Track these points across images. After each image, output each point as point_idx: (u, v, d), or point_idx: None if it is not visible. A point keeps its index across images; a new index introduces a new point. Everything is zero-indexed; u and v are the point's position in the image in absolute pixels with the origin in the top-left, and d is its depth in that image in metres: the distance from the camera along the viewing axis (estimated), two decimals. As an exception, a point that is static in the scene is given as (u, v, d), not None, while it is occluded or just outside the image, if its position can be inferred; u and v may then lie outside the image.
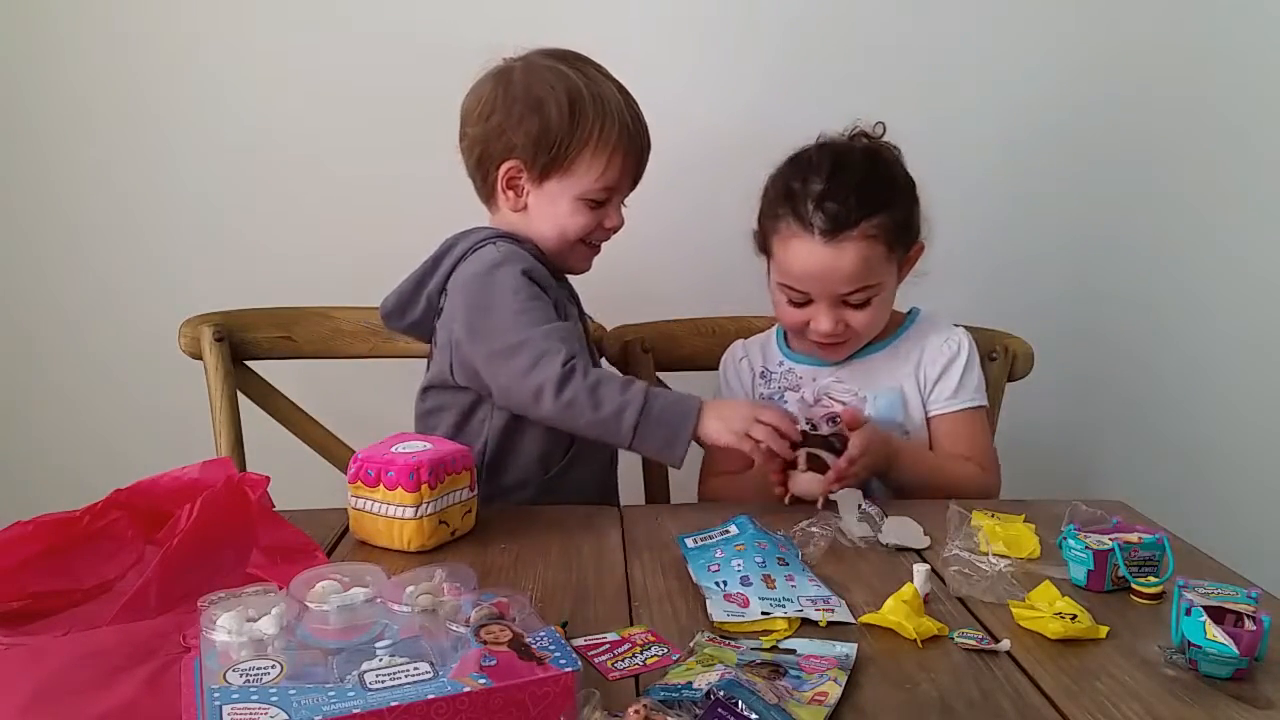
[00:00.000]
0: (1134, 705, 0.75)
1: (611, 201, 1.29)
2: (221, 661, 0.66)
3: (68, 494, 0.95)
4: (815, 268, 1.26)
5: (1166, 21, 1.70)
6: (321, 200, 1.66)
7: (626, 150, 1.26)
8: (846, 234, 1.24)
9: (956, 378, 1.34)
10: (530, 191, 1.27)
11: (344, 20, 1.62)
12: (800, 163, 1.31)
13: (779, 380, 1.39)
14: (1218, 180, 1.75)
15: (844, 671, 0.77)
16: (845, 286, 1.27)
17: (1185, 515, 1.22)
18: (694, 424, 1.12)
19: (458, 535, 1.07)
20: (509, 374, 1.17)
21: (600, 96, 1.24)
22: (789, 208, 1.27)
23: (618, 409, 1.12)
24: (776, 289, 1.32)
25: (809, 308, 1.30)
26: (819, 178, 1.26)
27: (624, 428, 1.12)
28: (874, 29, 1.67)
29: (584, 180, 1.25)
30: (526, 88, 1.24)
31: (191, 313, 1.41)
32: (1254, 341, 1.81)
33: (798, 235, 1.26)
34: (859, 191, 1.25)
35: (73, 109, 1.63)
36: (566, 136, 1.23)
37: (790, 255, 1.27)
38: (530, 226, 1.28)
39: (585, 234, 1.28)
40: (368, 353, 1.46)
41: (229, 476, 0.90)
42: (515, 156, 1.25)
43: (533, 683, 0.65)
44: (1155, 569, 0.95)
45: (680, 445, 1.12)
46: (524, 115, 1.23)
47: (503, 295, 1.19)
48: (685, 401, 1.14)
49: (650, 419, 1.12)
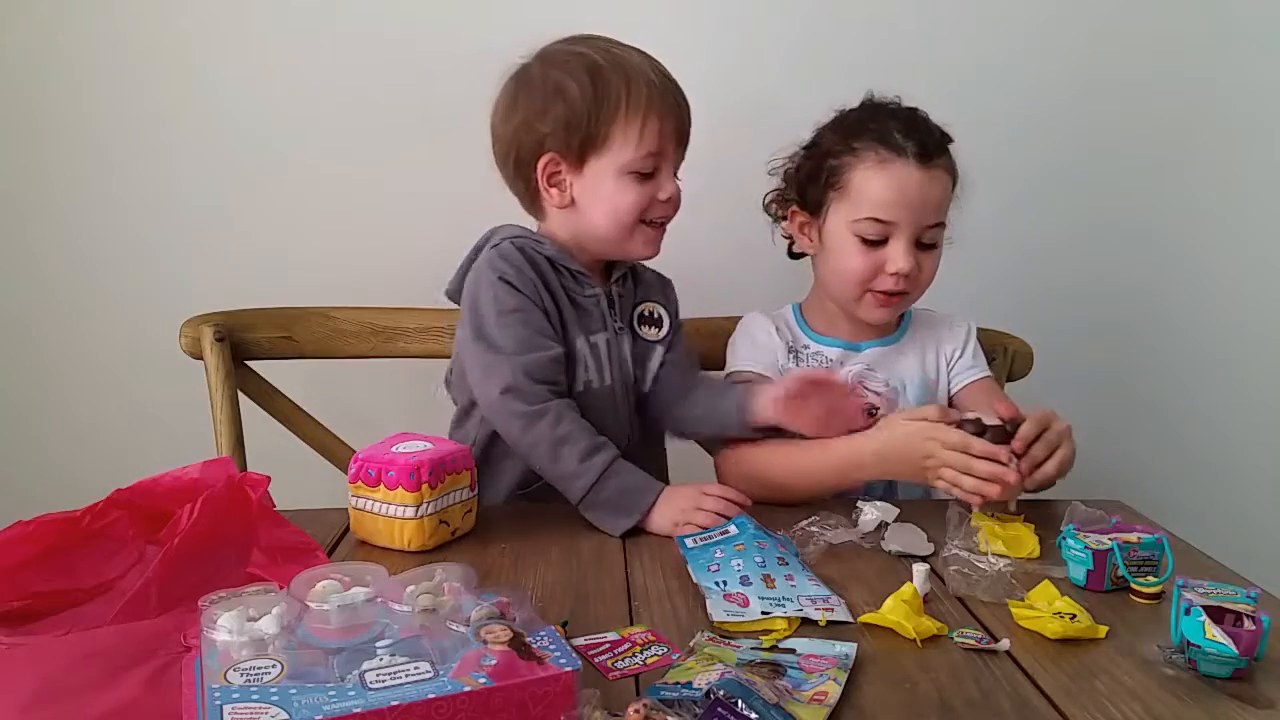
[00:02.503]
0: (1133, 705, 0.75)
1: (661, 170, 1.22)
2: (222, 661, 0.66)
3: (68, 494, 0.95)
4: (913, 192, 1.25)
5: (1174, 13, 1.69)
6: (322, 200, 1.66)
7: (661, 110, 1.20)
8: (937, 160, 1.26)
9: (973, 351, 1.39)
10: (573, 183, 1.22)
11: (345, 21, 1.62)
12: (867, 106, 1.32)
13: (808, 362, 1.36)
14: (1222, 177, 1.75)
15: (844, 671, 0.77)
16: (932, 217, 1.27)
17: (1185, 515, 1.22)
18: (642, 515, 1.10)
19: (458, 535, 1.07)
20: (484, 397, 1.18)
21: (620, 62, 1.20)
22: (874, 138, 1.26)
23: (572, 474, 1.11)
24: (847, 231, 1.28)
25: (883, 249, 1.27)
26: (894, 117, 1.28)
27: (573, 494, 1.12)
28: (878, 22, 1.67)
29: (624, 152, 1.19)
30: (544, 78, 1.21)
31: (191, 313, 1.41)
32: (1255, 341, 1.80)
33: (890, 161, 1.25)
34: (937, 128, 1.29)
35: (73, 109, 1.62)
36: (594, 110, 1.18)
37: (882, 182, 1.25)
38: (582, 222, 1.24)
39: (640, 211, 1.22)
40: (368, 353, 1.46)
41: (229, 476, 0.91)
42: (548, 149, 1.21)
43: (533, 682, 0.66)
44: (1154, 569, 0.95)
45: (620, 528, 1.10)
46: (547, 105, 1.19)
47: (486, 306, 1.18)
48: (639, 494, 1.11)
49: (599, 498, 1.11)
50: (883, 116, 1.29)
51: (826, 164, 1.30)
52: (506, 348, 1.16)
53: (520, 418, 1.13)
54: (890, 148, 1.25)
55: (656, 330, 1.33)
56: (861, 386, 1.32)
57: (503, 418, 1.15)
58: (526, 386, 1.14)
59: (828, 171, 1.30)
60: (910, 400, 1.33)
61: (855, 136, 1.28)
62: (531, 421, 1.13)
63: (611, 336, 1.26)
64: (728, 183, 1.44)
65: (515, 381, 1.14)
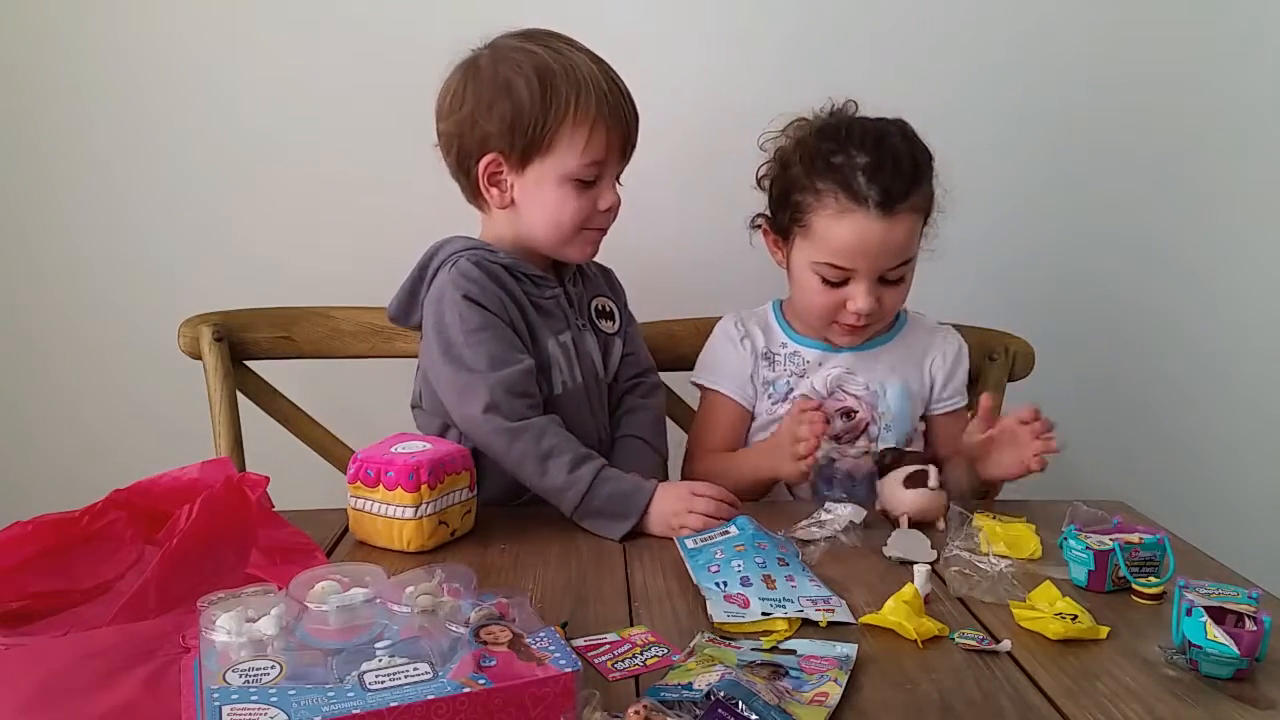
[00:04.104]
0: (1134, 705, 0.75)
1: (603, 179, 1.22)
2: (221, 662, 0.66)
3: (68, 494, 0.95)
4: (872, 243, 1.21)
5: (1174, 16, 1.69)
6: (321, 200, 1.66)
7: (609, 121, 1.18)
8: (899, 206, 1.21)
9: (961, 377, 1.36)
10: (514, 184, 1.21)
11: (345, 20, 1.62)
12: (834, 135, 1.25)
13: (784, 364, 1.34)
14: (1224, 178, 1.74)
15: (844, 672, 0.77)
16: (893, 260, 1.23)
17: (1185, 515, 1.22)
18: (637, 519, 1.10)
19: (457, 535, 1.07)
20: (463, 418, 1.16)
21: (572, 67, 1.17)
22: (835, 182, 1.22)
23: (562, 486, 1.11)
24: (808, 269, 1.26)
25: (845, 288, 1.25)
26: (863, 150, 1.22)
27: (565, 506, 1.12)
28: (874, 21, 1.66)
29: (567, 159, 1.18)
30: (493, 73, 1.18)
31: (191, 313, 1.40)
32: (1255, 341, 1.80)
33: (850, 210, 1.21)
34: (908, 160, 1.23)
35: (73, 109, 1.62)
36: (541, 115, 1.16)
37: (841, 231, 1.22)
38: (521, 223, 1.23)
39: (581, 220, 1.21)
40: (368, 353, 1.46)
41: (229, 476, 0.90)
42: (492, 148, 1.19)
43: (533, 683, 0.65)
44: (1156, 569, 0.95)
45: (617, 533, 1.10)
46: (494, 101, 1.17)
47: (453, 327, 1.16)
48: (632, 497, 1.11)
49: (592, 507, 1.11)
50: (850, 147, 1.23)
51: (792, 197, 1.27)
52: (480, 366, 1.14)
53: (504, 434, 1.12)
54: (852, 195, 1.21)
55: (611, 323, 1.34)
56: (840, 390, 1.31)
57: (486, 436, 1.14)
58: (506, 403, 1.13)
59: (792, 207, 1.27)
60: (890, 405, 1.31)
61: (820, 174, 1.23)
62: (516, 436, 1.12)
63: (576, 334, 1.27)
64: (717, 179, 1.43)
65: (494, 399, 1.13)
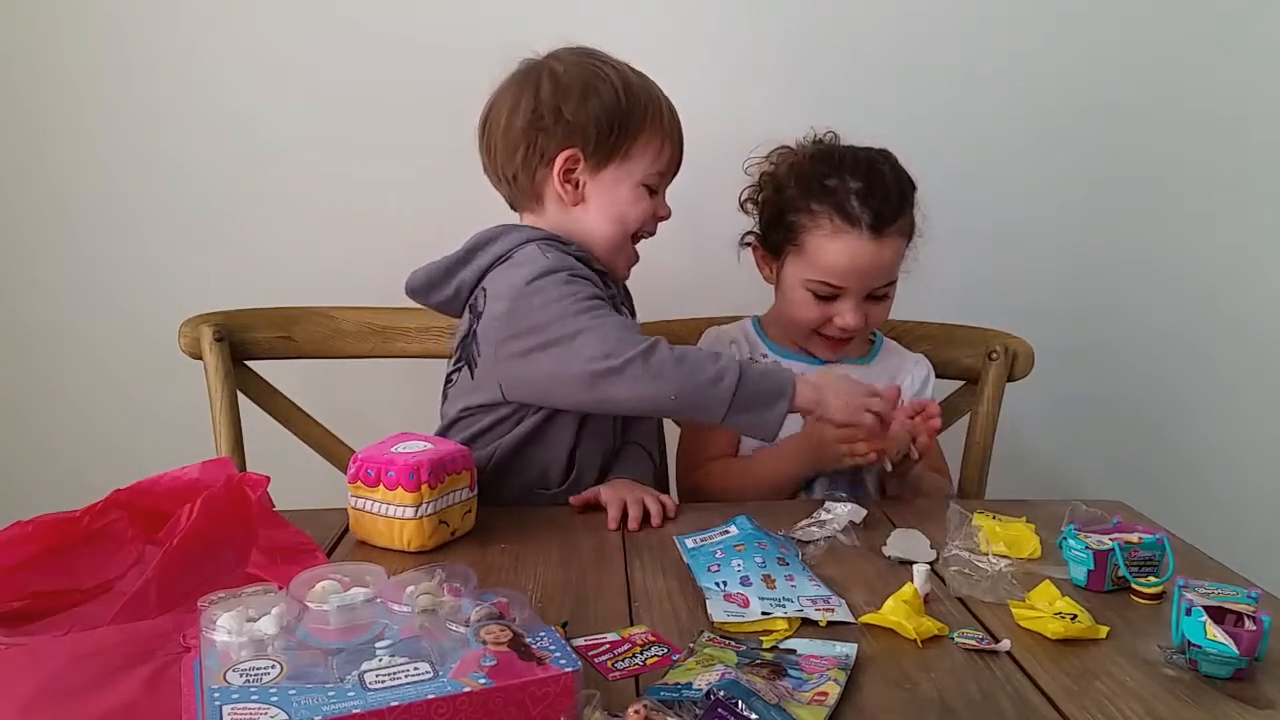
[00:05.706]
0: (1134, 705, 0.75)
1: (662, 191, 1.28)
2: (221, 661, 0.66)
3: (68, 494, 0.95)
4: (863, 263, 1.27)
5: (1173, 25, 1.70)
6: (322, 200, 1.66)
7: (675, 137, 1.26)
8: (889, 229, 1.27)
9: (929, 396, 1.39)
10: (587, 183, 1.23)
11: (345, 20, 1.62)
12: (828, 160, 1.32)
13: None
14: (1223, 181, 1.76)
15: (844, 671, 0.77)
16: (881, 279, 1.30)
17: (1185, 515, 1.22)
18: (790, 398, 1.08)
19: (458, 535, 1.07)
20: (580, 369, 1.08)
21: (646, 83, 1.24)
22: (831, 204, 1.28)
23: (713, 378, 1.07)
24: (800, 285, 1.32)
25: (833, 303, 1.31)
26: (855, 175, 1.28)
27: (720, 398, 1.07)
28: (875, 31, 1.67)
29: (643, 164, 1.23)
30: (579, 75, 1.21)
31: (191, 313, 1.41)
32: (1255, 342, 1.81)
33: (844, 231, 1.27)
34: (895, 187, 1.29)
35: (72, 108, 1.63)
36: (625, 119, 1.21)
37: (833, 252, 1.28)
38: (582, 223, 1.24)
39: (643, 223, 1.25)
40: (368, 353, 1.46)
41: (229, 476, 0.91)
42: (574, 144, 1.20)
43: (533, 683, 0.65)
44: (1155, 569, 0.95)
45: (773, 425, 1.08)
46: (584, 98, 1.20)
47: (558, 297, 1.12)
48: (776, 375, 1.10)
49: (747, 391, 1.07)
50: (843, 172, 1.29)
51: (786, 219, 1.32)
52: (598, 319, 1.11)
53: (639, 356, 1.07)
54: (845, 217, 1.27)
55: None
56: None
57: (615, 368, 1.07)
58: (629, 335, 1.09)
59: (786, 227, 1.33)
60: None
61: (814, 196, 1.29)
62: (650, 349, 1.07)
63: None
64: (728, 184, 1.44)
65: (619, 334, 1.09)
